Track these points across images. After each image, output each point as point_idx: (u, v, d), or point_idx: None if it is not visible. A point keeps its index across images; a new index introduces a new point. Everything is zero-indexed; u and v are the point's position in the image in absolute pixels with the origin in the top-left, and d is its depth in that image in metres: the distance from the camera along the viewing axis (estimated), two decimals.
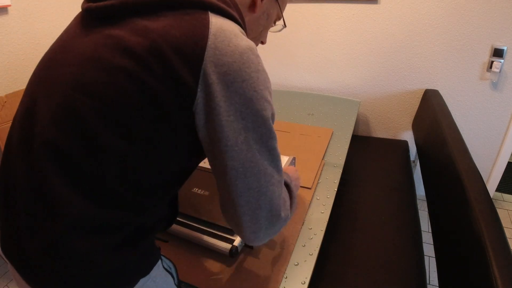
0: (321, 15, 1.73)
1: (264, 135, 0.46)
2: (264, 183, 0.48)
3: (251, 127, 0.45)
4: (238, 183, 0.46)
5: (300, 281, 0.72)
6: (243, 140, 0.44)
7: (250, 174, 0.46)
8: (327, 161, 1.17)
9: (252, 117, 0.44)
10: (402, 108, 1.79)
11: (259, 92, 0.45)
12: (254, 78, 0.44)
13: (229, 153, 0.44)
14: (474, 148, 1.72)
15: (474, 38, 1.48)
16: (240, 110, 0.43)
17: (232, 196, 0.47)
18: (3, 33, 1.50)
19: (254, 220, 0.49)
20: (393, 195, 1.33)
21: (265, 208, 0.49)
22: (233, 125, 0.43)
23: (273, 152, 0.48)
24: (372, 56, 1.72)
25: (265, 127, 0.46)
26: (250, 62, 0.44)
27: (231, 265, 0.76)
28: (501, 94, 1.54)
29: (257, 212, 0.48)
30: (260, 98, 0.45)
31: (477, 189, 0.82)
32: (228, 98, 0.42)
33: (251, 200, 0.47)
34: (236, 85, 0.42)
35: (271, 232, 0.52)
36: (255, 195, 0.47)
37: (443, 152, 1.08)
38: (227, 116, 0.43)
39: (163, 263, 0.59)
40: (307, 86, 1.99)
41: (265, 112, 0.46)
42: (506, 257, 0.63)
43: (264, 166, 0.47)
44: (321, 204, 0.95)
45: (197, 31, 0.42)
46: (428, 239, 1.64)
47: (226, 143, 0.44)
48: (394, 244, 1.07)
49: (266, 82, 0.47)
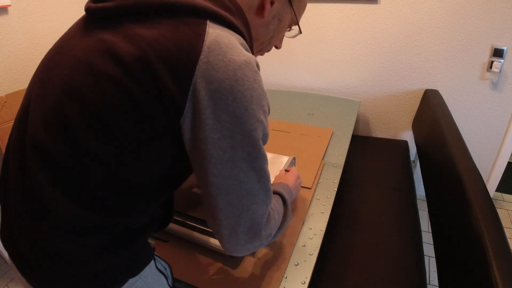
0: (321, 15, 1.73)
1: (252, 155, 0.45)
2: (246, 202, 0.47)
3: (238, 147, 0.43)
4: (218, 199, 0.46)
5: (300, 281, 0.72)
6: (228, 159, 0.43)
7: (233, 192, 0.45)
8: (327, 161, 1.17)
9: (241, 136, 0.43)
10: (402, 108, 1.79)
11: (251, 111, 0.43)
12: (247, 96, 0.42)
13: (212, 169, 0.44)
14: (474, 148, 1.72)
15: (474, 38, 1.48)
16: (228, 128, 0.42)
17: (213, 209, 0.47)
18: (3, 33, 1.50)
19: (232, 235, 0.48)
20: (393, 195, 1.33)
21: (245, 225, 0.48)
22: (219, 142, 0.42)
23: (260, 172, 0.47)
24: (372, 56, 1.72)
25: (253, 147, 0.45)
26: (245, 79, 0.42)
27: (231, 265, 0.76)
28: (501, 94, 1.54)
29: (236, 227, 0.48)
30: (251, 118, 0.43)
31: (477, 189, 0.82)
32: (217, 115, 0.41)
33: (230, 216, 0.47)
34: (226, 102, 0.41)
35: (250, 247, 0.51)
36: (235, 211, 0.47)
37: (443, 152, 1.08)
38: (213, 134, 0.42)
39: (156, 264, 0.59)
40: (307, 86, 1.99)
41: (255, 132, 0.44)
42: (506, 257, 0.63)
43: (249, 186, 0.46)
44: (321, 204, 0.95)
45: (190, 43, 0.41)
46: (428, 239, 1.64)
47: (210, 160, 0.43)
48: (394, 244, 1.07)
49: (260, 100, 0.45)
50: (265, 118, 0.47)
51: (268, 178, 0.50)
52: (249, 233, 0.49)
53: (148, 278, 0.56)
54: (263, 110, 0.46)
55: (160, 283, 0.59)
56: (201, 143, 0.42)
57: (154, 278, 0.57)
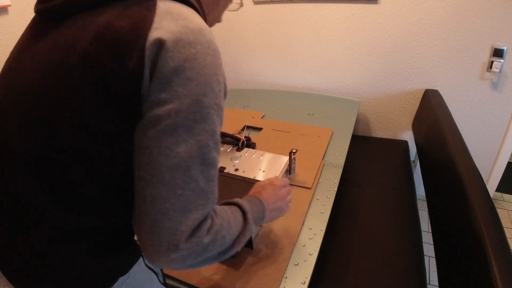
0: (321, 15, 1.73)
1: (198, 126, 0.41)
2: (180, 182, 0.41)
3: (183, 112, 0.40)
4: (148, 168, 0.40)
5: (300, 281, 0.72)
6: (169, 123, 0.40)
7: (165, 164, 0.40)
8: (327, 161, 1.17)
9: (189, 100, 0.40)
10: (402, 108, 1.79)
11: (203, 75, 0.41)
12: (200, 60, 0.41)
13: (151, 132, 0.40)
14: (474, 148, 1.72)
15: (474, 38, 1.48)
16: (176, 90, 0.40)
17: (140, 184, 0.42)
18: (3, 33, 1.50)
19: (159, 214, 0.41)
20: (393, 195, 1.33)
21: (174, 208, 0.40)
22: (164, 106, 0.40)
23: (204, 149, 0.42)
24: (372, 56, 1.72)
25: (200, 114, 0.41)
26: (198, 44, 0.41)
27: (231, 265, 0.76)
28: (501, 94, 1.54)
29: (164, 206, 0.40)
30: (203, 82, 0.41)
31: (477, 189, 0.82)
32: (168, 77, 0.39)
33: (157, 197, 0.40)
34: (178, 64, 0.39)
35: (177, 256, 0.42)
36: (164, 192, 0.40)
37: (443, 152, 1.08)
38: (161, 94, 0.40)
39: (145, 261, 0.59)
40: (307, 86, 1.99)
41: (204, 98, 0.41)
42: (506, 257, 0.63)
43: (188, 163, 0.41)
44: (321, 204, 0.95)
45: (142, 17, 0.40)
46: (428, 239, 1.64)
47: (150, 121, 0.40)
48: (394, 244, 1.07)
49: (214, 68, 0.43)
50: (218, 89, 0.43)
51: (216, 166, 0.44)
52: (176, 234, 0.41)
53: (137, 275, 0.56)
54: (216, 78, 0.43)
55: (150, 279, 0.59)
56: (149, 109, 0.40)
57: (143, 274, 0.58)
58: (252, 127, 1.45)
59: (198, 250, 0.43)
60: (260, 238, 0.83)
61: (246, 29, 1.98)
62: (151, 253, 0.41)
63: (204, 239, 0.43)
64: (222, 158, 1.09)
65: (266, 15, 1.88)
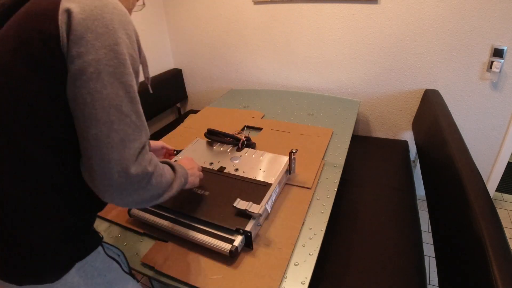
0: (321, 15, 1.73)
1: (118, 69, 0.48)
2: (116, 118, 0.48)
3: (103, 60, 0.47)
4: (86, 112, 0.47)
5: (300, 281, 0.72)
6: (93, 71, 0.46)
7: (99, 105, 0.47)
8: (327, 161, 1.17)
9: (104, 50, 0.47)
10: (402, 108, 1.79)
11: (111, 29, 0.48)
12: (107, 18, 0.48)
13: (79, 82, 0.47)
14: (474, 148, 1.72)
15: (474, 38, 1.48)
16: (91, 44, 0.46)
17: (83, 132, 0.48)
18: None
19: (103, 162, 0.47)
20: (393, 195, 1.33)
21: (117, 148, 0.48)
22: (85, 57, 0.46)
23: (130, 90, 0.50)
24: (372, 56, 1.72)
25: (118, 61, 0.48)
26: (104, 7, 0.48)
27: (231, 265, 0.76)
28: (501, 94, 1.54)
29: (106, 151, 0.47)
30: (113, 34, 0.48)
31: (477, 189, 0.82)
32: (81, 35, 0.46)
33: (99, 134, 0.47)
34: (88, 23, 0.46)
35: (128, 186, 0.50)
36: (104, 128, 0.47)
37: (443, 152, 1.08)
38: (79, 49, 0.46)
39: (106, 251, 0.66)
40: (307, 86, 1.99)
41: (117, 47, 0.48)
42: (506, 257, 0.63)
43: (117, 101, 0.48)
44: (321, 204, 0.95)
45: None
46: (428, 239, 1.64)
47: (80, 77, 0.46)
48: (394, 244, 1.07)
49: (122, 23, 0.49)
50: (129, 41, 0.50)
51: (139, 103, 0.52)
52: (123, 162, 0.48)
53: (96, 263, 0.63)
54: (126, 32, 0.50)
55: (111, 268, 0.66)
56: (72, 63, 0.46)
57: (103, 263, 0.64)
58: (252, 127, 1.45)
59: (145, 178, 0.52)
60: (260, 238, 0.83)
61: (246, 29, 1.98)
62: (106, 188, 0.48)
63: (149, 168, 0.52)
64: (222, 158, 1.09)
65: (266, 15, 1.88)
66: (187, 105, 2.56)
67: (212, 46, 2.16)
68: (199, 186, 0.93)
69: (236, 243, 0.75)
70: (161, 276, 0.75)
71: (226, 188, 0.93)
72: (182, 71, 2.39)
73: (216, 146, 1.17)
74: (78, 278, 0.60)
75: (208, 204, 0.86)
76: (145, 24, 2.06)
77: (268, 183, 0.94)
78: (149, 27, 2.10)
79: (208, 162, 1.06)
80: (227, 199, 0.87)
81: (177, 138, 1.38)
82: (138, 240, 0.86)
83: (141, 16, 2.01)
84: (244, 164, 1.05)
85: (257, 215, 0.79)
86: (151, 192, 0.55)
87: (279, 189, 0.97)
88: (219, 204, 0.86)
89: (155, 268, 0.76)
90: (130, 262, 0.79)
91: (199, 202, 0.87)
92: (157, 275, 0.75)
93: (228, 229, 0.79)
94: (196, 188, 0.92)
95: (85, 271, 0.61)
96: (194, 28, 2.15)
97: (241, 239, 0.77)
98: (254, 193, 0.90)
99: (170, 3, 2.14)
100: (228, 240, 0.77)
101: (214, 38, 2.12)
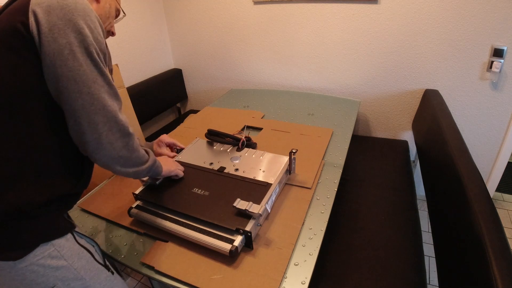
0: (321, 15, 1.73)
1: (88, 49, 0.58)
2: (94, 90, 0.58)
3: (73, 42, 0.56)
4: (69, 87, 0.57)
5: (300, 281, 0.72)
6: (68, 53, 0.56)
7: (79, 80, 0.57)
8: (327, 161, 1.17)
9: (73, 34, 0.56)
10: (402, 108, 1.79)
11: (76, 16, 0.57)
12: (71, 7, 0.56)
13: (58, 62, 0.56)
14: (474, 148, 1.72)
15: (474, 38, 1.48)
16: (61, 28, 0.55)
17: (68, 104, 0.58)
18: None
19: (93, 130, 0.59)
20: (393, 195, 1.33)
21: (101, 113, 0.59)
22: (57, 41, 0.55)
23: (99, 65, 0.60)
24: (372, 56, 1.72)
25: (86, 42, 0.57)
26: (66, 2, 0.56)
27: (231, 265, 0.76)
28: (501, 94, 1.54)
29: (93, 117, 0.59)
30: (77, 22, 0.57)
31: (477, 189, 0.82)
32: (51, 23, 0.55)
33: (84, 105, 0.58)
34: (56, 12, 0.55)
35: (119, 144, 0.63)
36: (87, 99, 0.58)
37: (443, 152, 1.08)
38: (52, 34, 0.55)
39: (78, 239, 0.70)
40: (307, 86, 1.99)
41: (84, 30, 0.57)
42: (506, 257, 0.63)
43: (93, 76, 0.58)
44: (321, 204, 0.95)
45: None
46: (428, 239, 1.64)
47: (53, 56, 0.55)
48: (394, 244, 1.08)
49: (85, 14, 0.58)
50: (93, 26, 0.59)
51: (109, 76, 0.62)
52: (109, 123, 0.60)
53: (63, 249, 0.66)
54: (90, 18, 0.59)
55: (81, 256, 0.69)
56: (44, 45, 0.55)
57: (72, 250, 0.67)
58: (252, 127, 1.45)
59: (128, 134, 0.64)
60: (260, 238, 0.83)
61: (246, 29, 1.98)
62: (96, 140, 0.60)
63: (130, 129, 0.65)
64: (222, 158, 1.09)
65: (266, 15, 1.88)
66: (187, 105, 2.56)
67: (212, 46, 2.16)
68: (199, 186, 0.93)
69: (236, 243, 0.75)
70: (161, 276, 0.75)
71: (226, 188, 0.93)
72: (182, 71, 2.39)
73: (216, 146, 1.17)
74: (42, 261, 0.63)
75: (208, 204, 0.86)
76: (145, 24, 2.06)
77: (268, 183, 0.94)
78: (149, 27, 2.10)
79: (208, 162, 1.06)
80: (227, 199, 0.87)
81: (177, 138, 1.38)
82: (138, 240, 0.86)
83: (141, 16, 2.01)
84: (244, 164, 1.05)
85: (257, 215, 0.79)
86: (131, 154, 0.67)
87: (279, 189, 0.97)
88: (219, 204, 0.86)
89: (155, 268, 0.76)
90: (131, 262, 0.79)
91: (199, 202, 0.87)
92: (157, 275, 0.75)
93: (228, 229, 0.79)
94: (196, 188, 0.92)
95: (50, 255, 0.64)
96: (194, 28, 2.15)
97: (241, 239, 0.77)
98: (254, 193, 0.90)
99: (170, 3, 2.14)
100: (228, 240, 0.77)
101: (214, 38, 2.12)
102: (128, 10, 1.91)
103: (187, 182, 0.96)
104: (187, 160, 1.07)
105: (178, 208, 0.85)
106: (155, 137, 1.94)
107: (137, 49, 2.03)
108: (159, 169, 0.81)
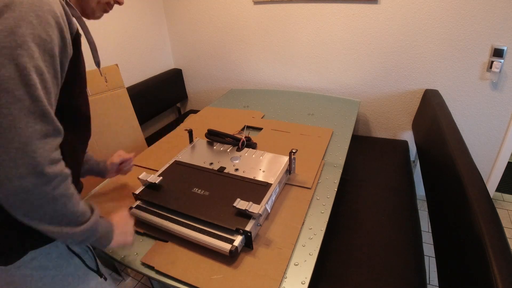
0: (321, 15, 1.73)
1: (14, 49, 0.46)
2: (4, 102, 0.45)
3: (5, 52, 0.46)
4: None
5: (300, 281, 0.72)
6: None
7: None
8: (327, 161, 1.17)
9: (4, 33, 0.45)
10: (402, 108, 1.79)
11: (18, 11, 0.46)
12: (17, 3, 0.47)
13: None
14: (474, 148, 1.72)
15: (474, 38, 1.48)
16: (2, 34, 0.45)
17: None
18: None
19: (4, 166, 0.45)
20: (393, 195, 1.33)
21: (4, 133, 0.45)
22: None
23: (25, 72, 0.47)
24: (372, 56, 1.72)
25: (16, 41, 0.46)
26: (18, 5, 0.47)
27: (231, 265, 0.76)
28: (501, 94, 1.54)
29: (6, 145, 0.45)
30: (16, 17, 0.46)
31: (477, 189, 0.82)
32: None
33: None
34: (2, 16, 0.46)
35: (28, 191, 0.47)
36: (5, 123, 0.45)
37: (443, 152, 1.08)
38: None
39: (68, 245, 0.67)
40: (307, 86, 1.99)
41: (18, 29, 0.47)
42: (506, 257, 0.63)
43: (9, 85, 0.45)
44: (321, 204, 0.95)
45: None
46: (428, 239, 1.64)
47: None
48: (394, 244, 1.08)
49: (33, 5, 0.48)
50: (37, 21, 0.48)
51: (40, 89, 0.48)
52: (13, 151, 0.45)
53: (52, 255, 0.64)
54: (36, 14, 0.48)
55: (70, 262, 0.68)
56: None
57: (61, 256, 0.66)
58: (252, 127, 1.45)
59: (41, 175, 0.48)
60: (260, 238, 0.83)
61: (246, 29, 1.98)
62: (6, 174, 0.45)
63: (57, 168, 0.50)
64: (222, 158, 1.09)
65: (266, 15, 1.88)
66: (187, 105, 2.56)
67: (212, 46, 2.16)
68: (199, 186, 0.93)
69: (236, 243, 0.75)
70: (161, 276, 0.75)
71: (226, 188, 0.93)
72: (182, 71, 2.39)
73: (216, 146, 1.17)
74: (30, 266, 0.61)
75: (208, 204, 0.86)
76: (145, 24, 2.06)
77: (268, 183, 0.94)
78: (149, 27, 2.10)
79: (208, 162, 1.06)
80: (227, 199, 0.87)
81: (177, 138, 1.38)
82: (138, 240, 0.86)
83: (141, 16, 2.01)
84: (244, 164, 1.05)
85: (257, 215, 0.79)
86: (50, 202, 0.50)
87: (279, 189, 0.97)
88: (219, 204, 0.86)
89: (155, 268, 0.76)
90: (131, 262, 0.79)
91: (199, 202, 0.87)
92: (157, 275, 0.75)
93: (228, 229, 0.79)
94: (196, 188, 0.92)
95: (39, 262, 0.62)
96: (194, 28, 2.15)
97: (241, 239, 0.77)
98: (254, 193, 0.90)
99: (170, 3, 2.14)
100: (228, 240, 0.77)
101: (214, 38, 2.12)
102: (128, 10, 1.91)
103: (187, 182, 0.96)
104: (187, 160, 1.07)
105: (178, 208, 0.85)
106: (155, 138, 1.95)
107: (137, 49, 2.03)
108: (103, 237, 0.63)
